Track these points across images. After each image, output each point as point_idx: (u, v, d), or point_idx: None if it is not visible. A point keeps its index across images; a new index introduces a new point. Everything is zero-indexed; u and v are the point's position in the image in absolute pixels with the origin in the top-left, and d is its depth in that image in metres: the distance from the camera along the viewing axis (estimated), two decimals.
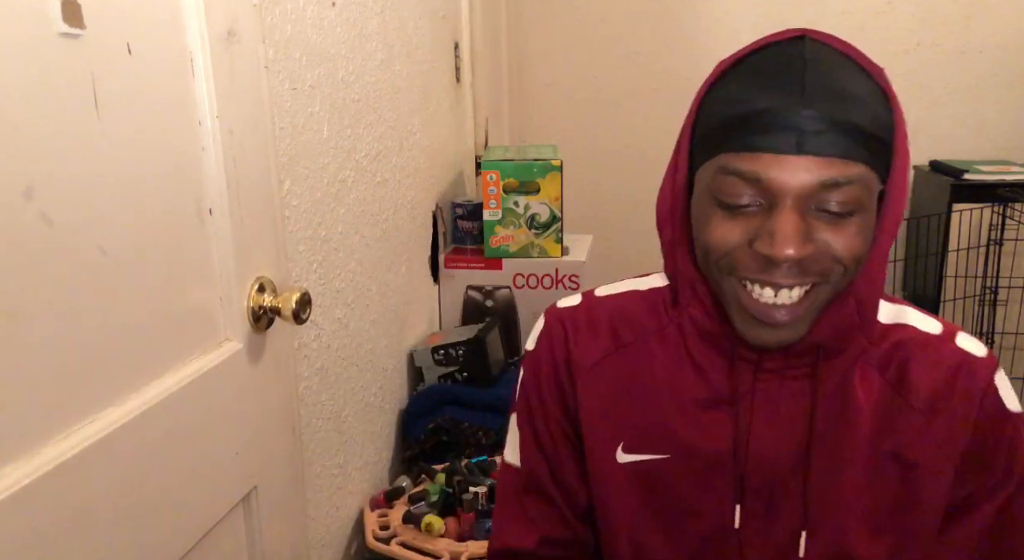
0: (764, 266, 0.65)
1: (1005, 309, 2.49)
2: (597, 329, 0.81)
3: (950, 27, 2.59)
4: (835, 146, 0.62)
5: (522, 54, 2.80)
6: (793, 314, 0.67)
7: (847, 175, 0.63)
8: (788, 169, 0.62)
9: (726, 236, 0.67)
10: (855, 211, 0.64)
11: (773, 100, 0.63)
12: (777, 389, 0.74)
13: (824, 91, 0.63)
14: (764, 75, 0.65)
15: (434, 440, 1.62)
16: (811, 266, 0.65)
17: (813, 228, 0.64)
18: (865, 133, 0.63)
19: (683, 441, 0.76)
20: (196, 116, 0.85)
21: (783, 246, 0.63)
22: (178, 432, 0.82)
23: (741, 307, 0.68)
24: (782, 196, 0.63)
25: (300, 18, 1.18)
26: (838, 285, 0.68)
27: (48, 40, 0.65)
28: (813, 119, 0.62)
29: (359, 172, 1.43)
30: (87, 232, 0.70)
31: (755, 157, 0.63)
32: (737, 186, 0.65)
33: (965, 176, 2.37)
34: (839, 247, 0.65)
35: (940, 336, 0.76)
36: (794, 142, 0.62)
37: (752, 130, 0.63)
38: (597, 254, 2.06)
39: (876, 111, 0.64)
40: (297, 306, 0.95)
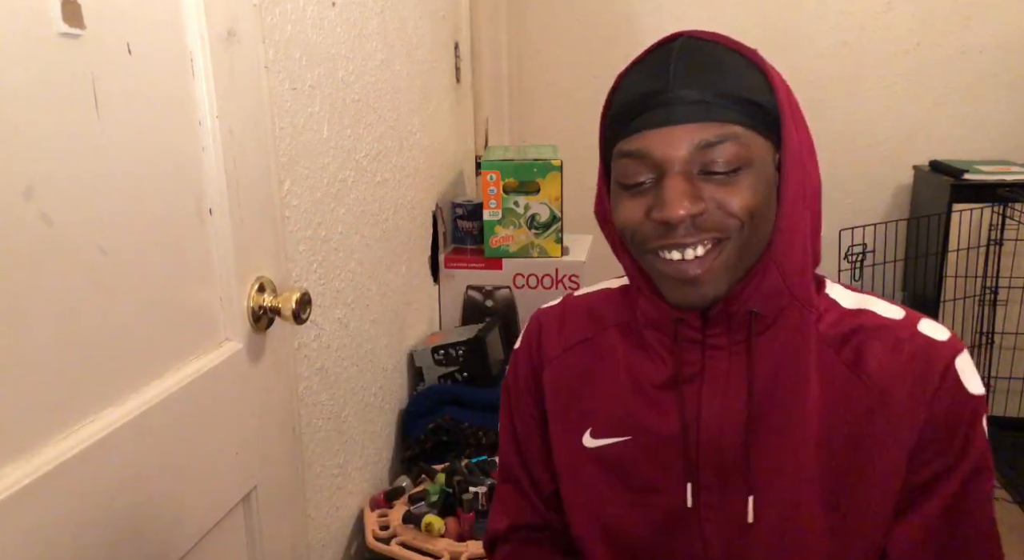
0: (664, 232, 0.71)
1: (1005, 309, 2.49)
2: (566, 324, 0.88)
3: (950, 27, 2.59)
4: (703, 112, 0.69)
5: (522, 54, 2.80)
6: (703, 266, 0.71)
7: (719, 134, 0.69)
8: (664, 140, 0.70)
9: (631, 214, 0.73)
10: (741, 168, 0.70)
11: (648, 85, 0.71)
12: (724, 365, 0.77)
13: (689, 70, 0.70)
14: (644, 68, 0.74)
15: (434, 440, 1.62)
16: (706, 223, 0.70)
17: (702, 189, 0.70)
18: (735, 97, 0.70)
19: (641, 423, 0.80)
20: (196, 116, 0.85)
21: (672, 208, 0.69)
22: (178, 432, 0.82)
23: (660, 274, 0.74)
24: (666, 165, 0.70)
25: (300, 18, 1.18)
26: (742, 239, 0.71)
27: (48, 40, 0.65)
28: (683, 94, 0.69)
29: (359, 172, 1.43)
30: (87, 232, 0.70)
31: (639, 136, 0.71)
32: (631, 166, 0.72)
33: (965, 176, 2.37)
34: (730, 201, 0.70)
35: (901, 321, 0.78)
36: (664, 116, 0.70)
37: (631, 115, 0.72)
38: (597, 254, 2.06)
39: (746, 80, 0.71)
40: (297, 306, 0.95)
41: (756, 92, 0.71)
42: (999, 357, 2.50)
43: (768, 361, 0.77)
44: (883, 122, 2.72)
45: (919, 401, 0.74)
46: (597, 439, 0.83)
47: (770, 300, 0.75)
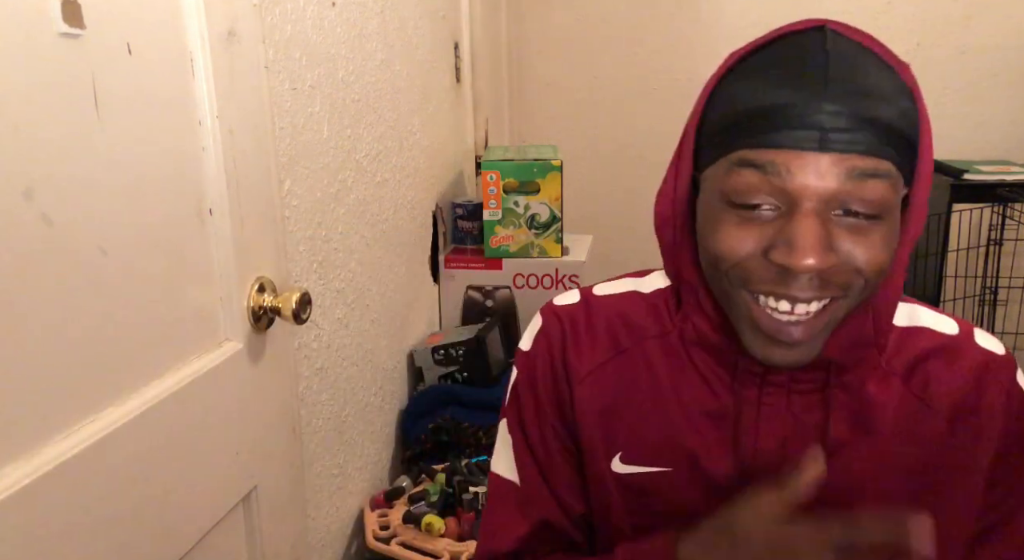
0: (781, 278, 0.60)
1: (1005, 309, 2.49)
2: (596, 333, 0.77)
3: (950, 27, 2.59)
4: (861, 143, 0.58)
5: (522, 54, 2.80)
6: (809, 332, 0.62)
7: (875, 169, 0.58)
8: (811, 167, 0.58)
9: (738, 244, 0.61)
10: (881, 216, 0.59)
11: (794, 94, 0.58)
12: (784, 404, 0.69)
13: (848, 85, 0.58)
14: (782, 67, 0.60)
15: (434, 440, 1.62)
16: (832, 278, 0.60)
17: (835, 236, 0.59)
18: (892, 130, 0.59)
19: (686, 455, 0.72)
20: (196, 116, 0.85)
21: (803, 255, 0.57)
22: (178, 432, 0.82)
23: (753, 323, 0.63)
24: (803, 199, 0.58)
25: (300, 18, 1.18)
26: (857, 299, 0.63)
27: (48, 40, 0.65)
28: (837, 115, 0.57)
29: (359, 172, 1.43)
30: (87, 232, 0.70)
31: (776, 152, 0.59)
32: (753, 182, 0.59)
33: (965, 176, 2.37)
34: (862, 258, 0.60)
35: (958, 337, 0.72)
36: (817, 138, 0.57)
37: (771, 126, 0.59)
38: (597, 254, 2.06)
39: (902, 107, 0.60)
40: (297, 306, 0.95)
41: (909, 123, 0.60)
42: None
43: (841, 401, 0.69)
44: None
45: (991, 418, 0.69)
46: (629, 465, 0.74)
47: (854, 350, 0.67)
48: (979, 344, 0.72)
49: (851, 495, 0.69)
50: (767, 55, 0.62)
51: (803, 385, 0.69)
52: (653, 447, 0.73)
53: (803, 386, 0.69)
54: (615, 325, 0.77)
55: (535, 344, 0.80)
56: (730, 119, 0.62)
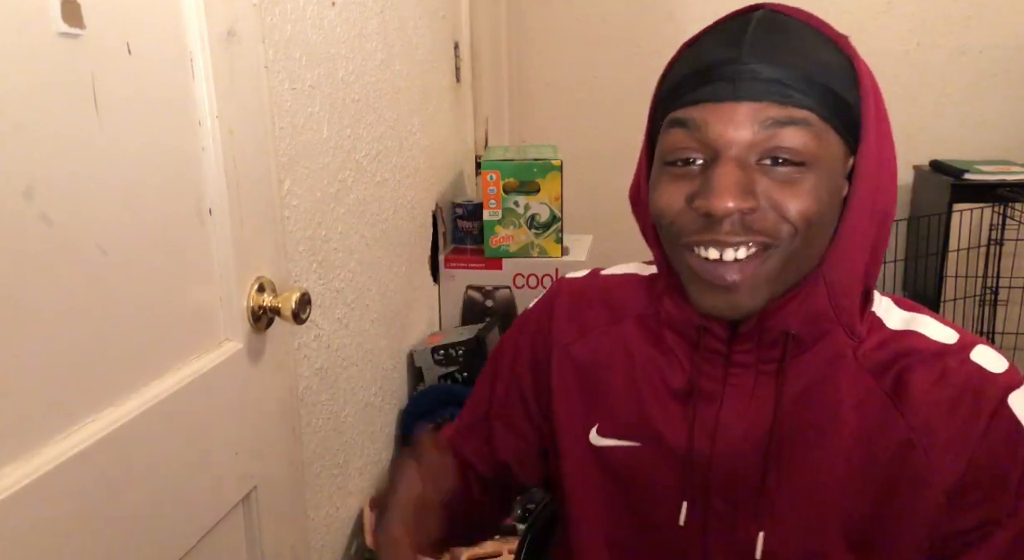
0: (706, 225, 0.63)
1: (1005, 309, 2.49)
2: (582, 309, 0.81)
3: (950, 27, 2.59)
4: (774, 91, 0.61)
5: (522, 54, 2.80)
6: (743, 272, 0.63)
7: (790, 116, 0.61)
8: (726, 116, 0.61)
9: (671, 198, 0.65)
10: (806, 163, 0.61)
11: (715, 55, 0.64)
12: (749, 384, 0.70)
13: (768, 44, 0.62)
14: (712, 38, 0.66)
15: None
16: (755, 223, 0.62)
17: (758, 183, 0.62)
18: (814, 83, 0.61)
19: (653, 431, 0.73)
20: (196, 116, 0.85)
21: (720, 198, 0.60)
22: (178, 432, 0.82)
23: (692, 274, 0.66)
24: (721, 147, 0.62)
25: (300, 18, 1.18)
26: (790, 249, 0.63)
27: (48, 40, 0.65)
28: (753, 68, 0.61)
29: (359, 172, 1.43)
30: (87, 232, 0.70)
31: (697, 107, 0.63)
32: (680, 138, 0.64)
33: (965, 176, 2.37)
34: (788, 204, 0.61)
35: (953, 346, 0.68)
36: (731, 89, 0.61)
37: (694, 84, 0.64)
38: (597, 254, 2.06)
39: (830, 67, 0.63)
40: (297, 306, 0.95)
41: (838, 82, 0.63)
42: None
43: (799, 386, 0.69)
44: None
45: (965, 439, 0.65)
46: (604, 438, 0.76)
47: (811, 323, 0.67)
48: (974, 359, 0.68)
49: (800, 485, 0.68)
50: (703, 35, 0.68)
51: (766, 366, 0.70)
52: (625, 421, 0.76)
53: (767, 366, 0.70)
54: (601, 304, 0.81)
55: (535, 306, 0.86)
56: (666, 89, 0.68)
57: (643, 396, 0.75)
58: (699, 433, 0.71)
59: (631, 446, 0.75)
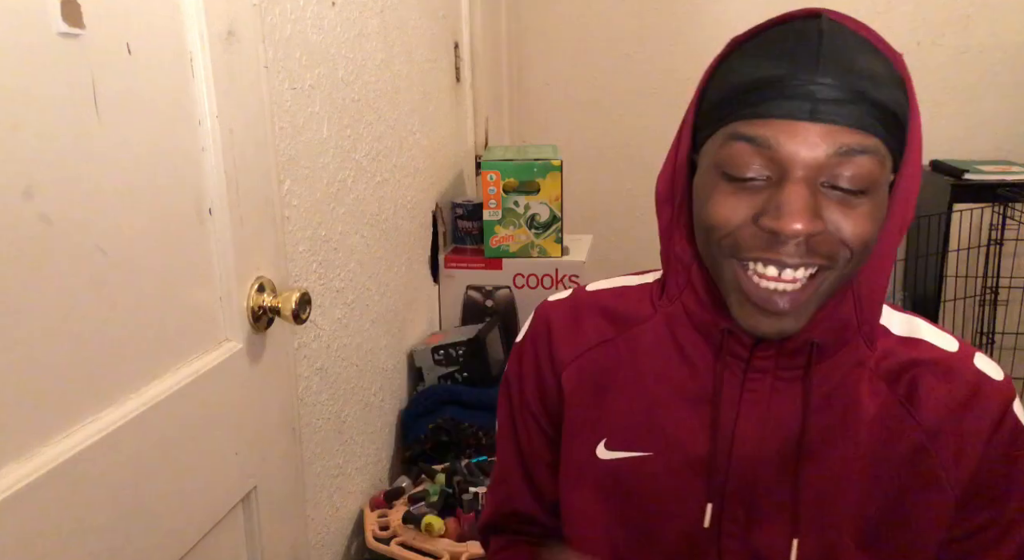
0: (769, 243, 0.62)
1: (1005, 309, 2.49)
2: (582, 323, 0.80)
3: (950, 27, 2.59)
4: (851, 116, 0.60)
5: (522, 54, 2.80)
6: (795, 301, 0.63)
7: (863, 144, 0.60)
8: (800, 136, 0.60)
9: (731, 212, 0.63)
10: (867, 190, 0.61)
11: (786, 67, 0.61)
12: (768, 389, 0.70)
13: (840, 62, 0.60)
14: (778, 46, 0.63)
15: (434, 440, 1.62)
16: (818, 246, 0.62)
17: (823, 206, 0.61)
18: (882, 108, 0.61)
19: (666, 438, 0.73)
20: (196, 116, 0.85)
21: (792, 219, 0.59)
22: (178, 432, 0.82)
23: (741, 292, 0.65)
24: (792, 167, 0.60)
25: (300, 18, 1.18)
26: (843, 272, 0.64)
27: (48, 40, 0.65)
28: (828, 87, 0.59)
29: (359, 172, 1.43)
30: (87, 232, 0.70)
31: (767, 123, 0.61)
32: (745, 154, 0.62)
33: (965, 176, 2.37)
34: (848, 228, 0.61)
35: (957, 354, 0.72)
36: (808, 109, 0.59)
37: (764, 97, 0.61)
38: (597, 254, 2.06)
39: (892, 91, 0.62)
40: (297, 306, 0.95)
41: (900, 106, 0.62)
42: (999, 357, 2.50)
43: (820, 393, 0.70)
44: None
45: (975, 441, 0.69)
46: (612, 451, 0.75)
47: (837, 333, 0.68)
48: (977, 366, 0.71)
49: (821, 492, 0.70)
50: (764, 37, 0.65)
51: (787, 372, 0.70)
52: (636, 431, 0.75)
53: (787, 373, 0.70)
54: (601, 315, 0.80)
55: (525, 338, 0.84)
56: (725, 94, 0.64)
57: (655, 404, 0.74)
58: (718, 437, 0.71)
59: (642, 456, 0.74)
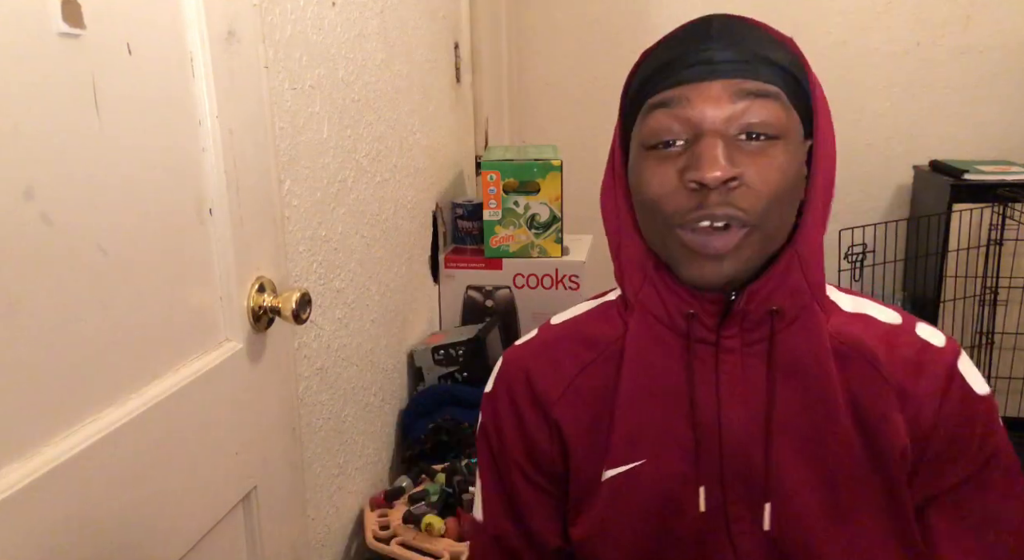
0: (697, 200, 0.67)
1: (1005, 309, 2.49)
2: (558, 356, 0.81)
3: (950, 27, 2.59)
4: (747, 70, 0.67)
5: (522, 54, 2.80)
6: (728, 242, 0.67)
7: (763, 89, 0.67)
8: (706, 93, 0.67)
9: (661, 179, 0.69)
10: (778, 137, 0.67)
11: (685, 46, 0.69)
12: (740, 368, 0.73)
13: (733, 35, 0.68)
14: (675, 38, 0.71)
15: (434, 440, 1.62)
16: (738, 201, 0.66)
17: (737, 157, 0.66)
18: (776, 64, 0.68)
19: (654, 441, 0.75)
20: (196, 116, 0.85)
21: (709, 167, 0.65)
22: (178, 432, 0.82)
23: (683, 249, 0.69)
24: (703, 122, 0.67)
25: (300, 18, 1.18)
26: (768, 229, 0.68)
27: (48, 40, 0.65)
28: (723, 50, 0.67)
29: (359, 172, 1.43)
30: (87, 232, 0.70)
31: (676, 89, 0.68)
32: (663, 120, 0.68)
33: (965, 176, 2.37)
34: (761, 179, 0.67)
35: (901, 326, 0.77)
36: (709, 70, 0.67)
37: (670, 71, 0.69)
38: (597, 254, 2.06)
39: (785, 56, 0.69)
40: (297, 306, 0.95)
41: (795, 70, 0.70)
42: (999, 357, 2.51)
43: (788, 359, 0.73)
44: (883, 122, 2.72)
45: (928, 406, 0.73)
46: (612, 468, 0.77)
47: (792, 298, 0.72)
48: (919, 334, 0.76)
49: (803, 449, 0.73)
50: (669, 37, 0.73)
51: (755, 347, 0.73)
52: (628, 444, 0.76)
53: (755, 348, 0.73)
54: (573, 343, 0.81)
55: (495, 386, 0.84)
56: (640, 81, 0.72)
57: (639, 412, 0.76)
58: (704, 424, 0.73)
59: (637, 466, 0.76)
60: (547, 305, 1.86)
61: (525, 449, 0.81)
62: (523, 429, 0.81)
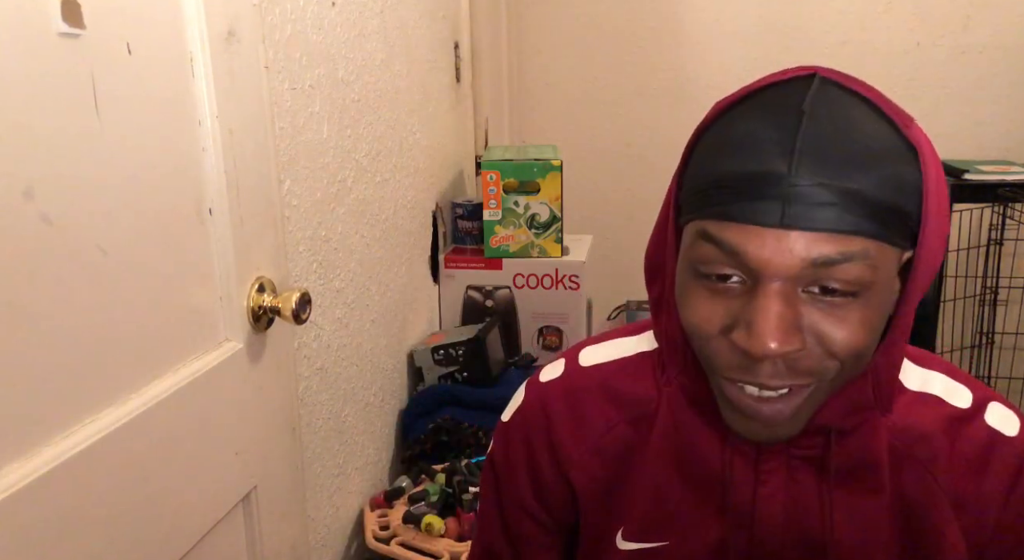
0: (744, 362, 0.56)
1: (1005, 309, 2.49)
2: (584, 411, 0.73)
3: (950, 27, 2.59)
4: (829, 220, 0.52)
5: (522, 54, 2.79)
6: (783, 414, 0.58)
7: (845, 252, 0.53)
8: (771, 245, 0.53)
9: (704, 320, 0.58)
10: (858, 293, 0.54)
11: (760, 162, 0.53)
12: (783, 471, 0.66)
13: (824, 150, 0.53)
14: (757, 125, 0.55)
15: (434, 440, 1.62)
16: (800, 363, 0.56)
17: (804, 316, 0.55)
18: (874, 203, 0.53)
19: (682, 527, 0.69)
20: (196, 116, 0.85)
21: (763, 340, 0.53)
22: (178, 432, 0.82)
23: (728, 402, 0.60)
24: (764, 277, 0.54)
25: (300, 18, 1.18)
26: (836, 383, 0.59)
27: (48, 40, 0.65)
28: (805, 187, 0.52)
29: (359, 172, 1.43)
30: (87, 232, 0.70)
31: (736, 228, 0.54)
32: (715, 256, 0.56)
33: (965, 176, 2.37)
34: (836, 340, 0.55)
35: (969, 411, 0.67)
36: (779, 214, 0.52)
37: (734, 196, 0.54)
38: (597, 254, 2.06)
39: (893, 173, 0.54)
40: (297, 306, 0.95)
41: (904, 188, 0.54)
42: (999, 357, 2.51)
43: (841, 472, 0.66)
44: None
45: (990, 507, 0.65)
46: (630, 542, 0.71)
47: (853, 416, 0.64)
48: (988, 423, 0.67)
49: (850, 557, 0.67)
50: (746, 109, 0.57)
51: (803, 451, 0.66)
52: (651, 521, 0.70)
53: (803, 452, 0.66)
54: (602, 399, 0.73)
55: (513, 419, 0.77)
56: (698, 184, 0.58)
57: (666, 490, 0.70)
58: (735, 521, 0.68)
59: (660, 546, 0.70)
60: (547, 305, 1.86)
61: (535, 491, 0.75)
62: (535, 472, 0.75)
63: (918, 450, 0.66)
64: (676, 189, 0.63)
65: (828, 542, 0.66)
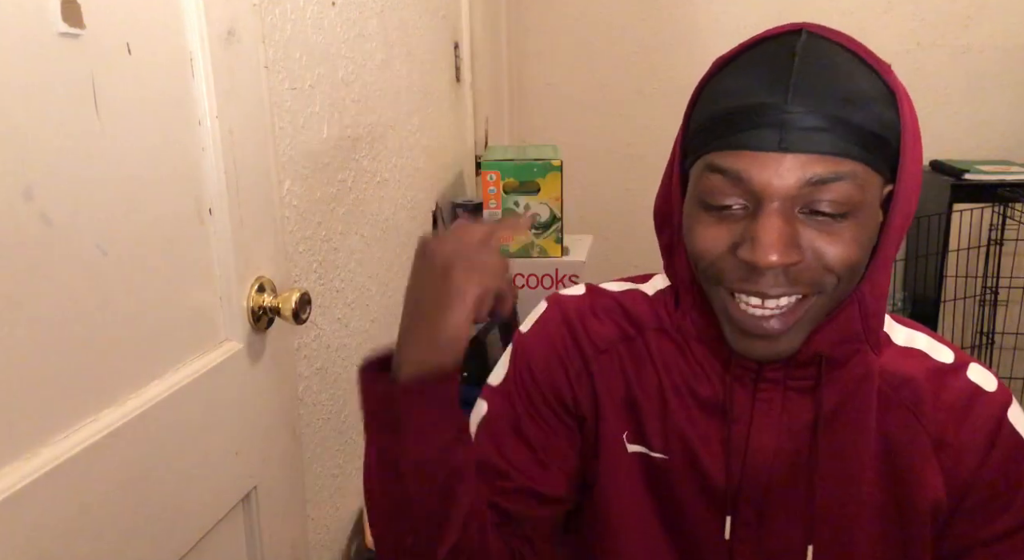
0: (748, 274, 0.62)
1: (1005, 309, 2.49)
2: (603, 319, 0.78)
3: (950, 27, 2.59)
4: (822, 143, 0.59)
5: (522, 54, 2.80)
6: (784, 323, 0.64)
7: (836, 171, 0.59)
8: (771, 167, 0.60)
9: (711, 242, 0.64)
10: (849, 213, 0.61)
11: (757, 96, 0.60)
12: (779, 401, 0.71)
13: (814, 85, 0.60)
14: (754, 70, 0.63)
15: None
16: (800, 275, 0.62)
17: (802, 233, 0.61)
18: (860, 130, 0.60)
19: (682, 445, 0.74)
20: (196, 116, 0.85)
21: (766, 252, 0.60)
22: (178, 432, 0.82)
23: (730, 319, 0.66)
24: (766, 197, 0.60)
25: (300, 18, 1.18)
26: (833, 296, 0.64)
27: (48, 40, 0.65)
28: (799, 115, 0.59)
29: (359, 172, 1.43)
30: (87, 232, 0.70)
31: (738, 155, 0.61)
32: (720, 185, 0.62)
33: (965, 176, 2.37)
34: (831, 255, 0.62)
35: (951, 366, 0.72)
36: (777, 139, 0.59)
37: (736, 127, 0.61)
38: (597, 254, 2.06)
39: (876, 109, 0.61)
40: (297, 306, 0.95)
41: (885, 123, 0.61)
42: (999, 357, 2.51)
43: (831, 404, 0.70)
44: None
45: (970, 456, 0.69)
46: (633, 444, 0.75)
47: (844, 345, 0.69)
48: (970, 377, 0.72)
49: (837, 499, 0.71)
50: (742, 60, 0.65)
51: (797, 382, 0.71)
52: (653, 430, 0.75)
53: (797, 384, 0.71)
54: (619, 314, 0.79)
55: (535, 327, 0.81)
56: (702, 124, 0.65)
57: (671, 409, 0.74)
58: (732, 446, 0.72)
59: (659, 457, 0.74)
60: None
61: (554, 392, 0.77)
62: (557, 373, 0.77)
63: (904, 393, 0.71)
64: (681, 138, 0.70)
65: (814, 473, 0.70)
